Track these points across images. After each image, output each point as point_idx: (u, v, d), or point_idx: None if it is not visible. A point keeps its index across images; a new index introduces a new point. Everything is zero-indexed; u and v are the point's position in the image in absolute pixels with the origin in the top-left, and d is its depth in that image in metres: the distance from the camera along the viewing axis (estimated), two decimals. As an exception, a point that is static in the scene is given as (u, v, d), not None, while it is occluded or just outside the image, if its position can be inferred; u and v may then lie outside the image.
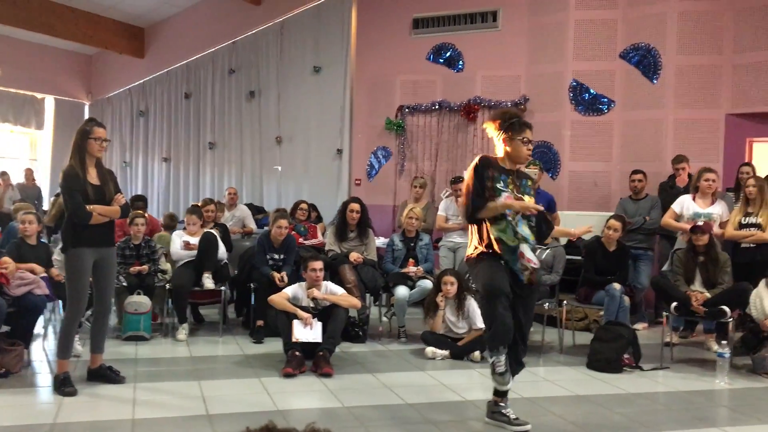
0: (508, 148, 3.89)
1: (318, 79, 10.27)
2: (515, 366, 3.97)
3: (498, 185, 3.84)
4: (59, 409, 4.08)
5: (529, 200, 3.88)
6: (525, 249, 3.80)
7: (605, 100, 8.30)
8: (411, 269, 6.51)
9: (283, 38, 10.63)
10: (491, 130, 3.96)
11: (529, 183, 4.02)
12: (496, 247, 3.79)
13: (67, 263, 4.44)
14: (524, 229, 3.84)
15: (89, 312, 5.00)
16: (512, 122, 3.88)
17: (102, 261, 4.52)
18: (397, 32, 9.44)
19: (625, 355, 5.43)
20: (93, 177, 4.46)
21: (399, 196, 9.29)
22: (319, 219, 8.66)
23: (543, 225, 4.02)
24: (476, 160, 3.94)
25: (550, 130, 8.44)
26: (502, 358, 3.82)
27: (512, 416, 3.94)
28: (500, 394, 4.00)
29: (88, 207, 4.34)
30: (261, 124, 10.92)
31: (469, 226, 3.97)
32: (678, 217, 6.39)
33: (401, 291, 6.30)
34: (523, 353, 4.01)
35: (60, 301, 6.09)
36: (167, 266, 6.61)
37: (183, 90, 12.00)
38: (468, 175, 3.93)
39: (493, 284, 3.74)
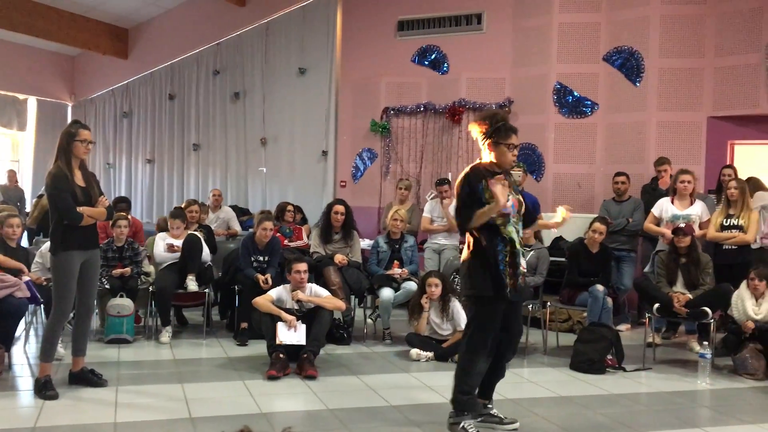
0: (492, 153, 3.81)
1: (303, 81, 10.25)
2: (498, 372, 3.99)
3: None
4: (40, 412, 4.04)
5: (521, 199, 3.88)
6: (520, 254, 3.77)
7: (589, 102, 8.36)
8: (396, 271, 6.51)
9: (268, 40, 10.60)
10: (476, 133, 3.87)
11: (515, 182, 4.00)
12: (507, 250, 3.68)
13: (56, 265, 4.41)
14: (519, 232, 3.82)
15: (71, 314, 4.95)
16: (498, 127, 3.79)
17: (88, 263, 4.52)
18: (382, 34, 9.45)
19: (608, 356, 5.47)
20: (79, 179, 4.47)
21: (384, 197, 9.30)
22: (304, 221, 8.65)
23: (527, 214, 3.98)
24: (466, 170, 3.79)
25: (534, 133, 8.48)
26: (472, 421, 3.76)
27: (501, 416, 3.98)
28: (484, 396, 4.01)
29: (78, 208, 4.35)
30: (246, 125, 10.88)
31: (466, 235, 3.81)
32: (658, 221, 6.45)
33: (386, 293, 6.31)
34: (508, 360, 4.01)
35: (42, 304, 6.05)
36: (150, 269, 6.57)
37: (167, 91, 11.93)
38: (458, 185, 3.79)
39: (485, 336, 3.72)
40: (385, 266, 6.63)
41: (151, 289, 6.27)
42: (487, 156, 3.83)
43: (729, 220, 6.16)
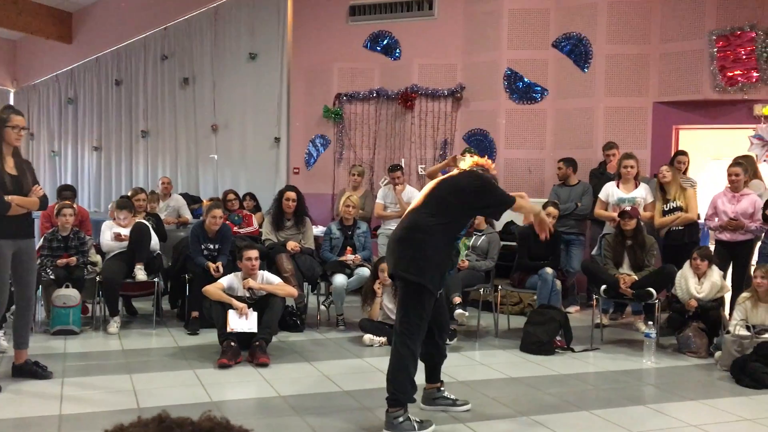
0: None
1: (254, 66, 10.10)
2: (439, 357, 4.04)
3: None
4: (-19, 407, 3.93)
5: None
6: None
7: (538, 88, 8.45)
8: (349, 257, 6.50)
9: (217, 24, 10.41)
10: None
11: None
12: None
13: None
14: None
15: (13, 306, 4.82)
16: None
17: (21, 253, 4.38)
18: (334, 19, 9.37)
19: (557, 338, 5.57)
20: (10, 167, 4.32)
21: (338, 184, 9.27)
22: (257, 208, 8.56)
23: None
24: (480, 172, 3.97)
25: (485, 119, 8.55)
26: (407, 414, 3.65)
27: (453, 397, 4.04)
28: (434, 380, 4.05)
29: (6, 198, 4.20)
30: (196, 111, 10.68)
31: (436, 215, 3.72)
32: (605, 205, 6.60)
33: (339, 279, 6.30)
34: (445, 340, 4.10)
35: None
36: (97, 258, 6.42)
37: (113, 77, 11.62)
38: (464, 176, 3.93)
39: (422, 328, 3.69)
40: (338, 253, 6.61)
41: (98, 278, 6.14)
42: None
43: (668, 204, 6.35)
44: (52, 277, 5.92)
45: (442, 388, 4.08)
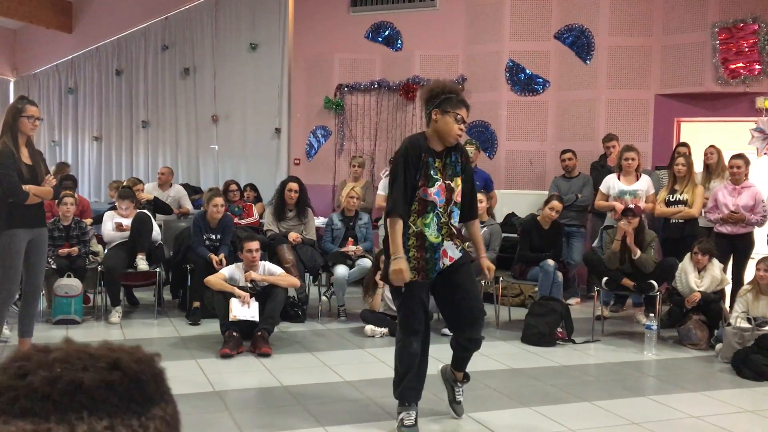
0: (437, 124, 3.50)
1: (255, 57, 10.07)
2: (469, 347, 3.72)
3: (431, 172, 3.47)
4: (-16, 395, 3.93)
5: (458, 183, 3.56)
6: (449, 247, 3.52)
7: (540, 80, 8.43)
8: (350, 248, 6.50)
9: (218, 14, 10.37)
10: (423, 102, 3.65)
11: (461, 158, 3.62)
12: (413, 243, 3.45)
13: (1, 245, 4.29)
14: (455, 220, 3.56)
15: (17, 294, 4.83)
16: (449, 96, 3.51)
17: (35, 241, 4.43)
18: (336, 9, 9.34)
19: (558, 329, 5.59)
20: (25, 156, 4.40)
21: (338, 175, 9.25)
22: (258, 199, 8.56)
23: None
24: (404, 143, 3.57)
25: (487, 110, 8.53)
26: (413, 412, 3.48)
27: (459, 398, 3.83)
28: (455, 367, 3.81)
29: (24, 187, 4.25)
30: (196, 102, 10.66)
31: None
32: (606, 198, 6.59)
33: (340, 270, 6.30)
34: (472, 336, 3.65)
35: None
36: (99, 248, 6.43)
37: (114, 66, 11.59)
38: (396, 162, 3.51)
39: (409, 320, 3.48)
40: (339, 244, 6.61)
41: (99, 268, 6.14)
42: (430, 128, 3.56)
43: (674, 195, 6.33)
44: (53, 266, 5.92)
45: (459, 384, 3.79)
